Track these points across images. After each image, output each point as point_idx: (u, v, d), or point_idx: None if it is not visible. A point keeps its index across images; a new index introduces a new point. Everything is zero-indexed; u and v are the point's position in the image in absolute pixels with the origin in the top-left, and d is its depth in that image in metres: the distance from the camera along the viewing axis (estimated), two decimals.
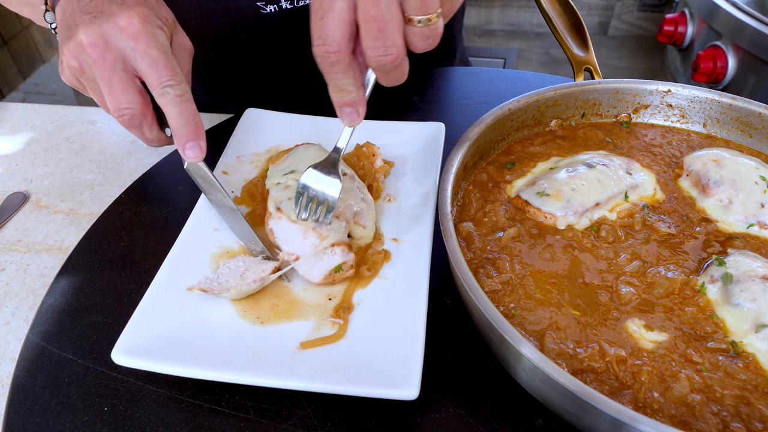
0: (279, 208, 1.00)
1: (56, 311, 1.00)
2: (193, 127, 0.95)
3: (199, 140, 0.96)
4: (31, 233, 1.20)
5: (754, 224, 0.99)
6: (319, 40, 0.78)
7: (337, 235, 0.98)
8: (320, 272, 0.97)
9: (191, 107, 0.95)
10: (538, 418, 0.84)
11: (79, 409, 0.86)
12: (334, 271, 0.97)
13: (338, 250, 0.97)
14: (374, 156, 1.17)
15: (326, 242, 0.96)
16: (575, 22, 1.29)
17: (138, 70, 0.94)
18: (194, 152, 0.96)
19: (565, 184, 1.01)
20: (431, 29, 0.77)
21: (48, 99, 4.25)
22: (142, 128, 1.00)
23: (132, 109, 0.96)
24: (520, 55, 4.53)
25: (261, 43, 1.50)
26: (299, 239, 0.97)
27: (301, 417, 0.85)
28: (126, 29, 0.92)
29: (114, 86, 0.94)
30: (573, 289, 0.90)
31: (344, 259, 0.97)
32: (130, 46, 0.93)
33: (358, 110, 0.85)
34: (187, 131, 0.95)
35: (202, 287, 0.93)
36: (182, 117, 0.94)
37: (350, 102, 0.84)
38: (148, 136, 1.02)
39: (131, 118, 0.97)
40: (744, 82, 2.39)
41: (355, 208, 1.03)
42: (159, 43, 0.94)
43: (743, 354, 0.81)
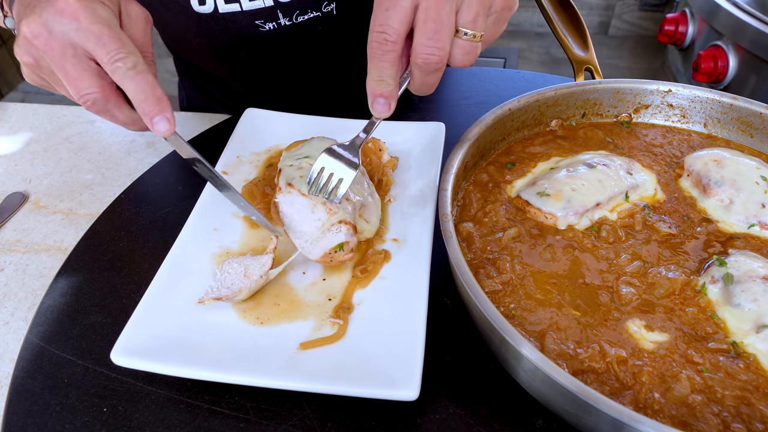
0: (290, 183, 1.00)
1: (55, 312, 1.00)
2: (154, 99, 0.92)
3: (164, 112, 0.92)
4: (30, 233, 1.20)
5: (755, 224, 0.99)
6: (381, 28, 0.82)
7: (346, 213, 0.98)
8: (321, 249, 0.97)
9: (147, 78, 0.91)
10: (539, 418, 0.84)
11: (78, 410, 0.86)
12: (335, 249, 0.97)
13: (344, 228, 0.97)
14: (381, 151, 1.17)
15: (335, 218, 0.96)
16: (575, 21, 1.29)
17: (88, 51, 0.90)
18: (163, 125, 0.92)
19: (565, 184, 1.01)
20: (473, 46, 0.84)
21: (47, 99, 4.25)
22: (110, 112, 0.95)
23: (93, 93, 0.92)
24: (520, 55, 4.53)
25: (260, 60, 1.50)
26: (306, 213, 0.98)
27: (300, 417, 0.85)
28: (64, 11, 0.89)
29: (69, 73, 0.90)
30: (573, 289, 0.90)
31: (348, 238, 0.97)
32: (72, 28, 0.89)
33: (390, 103, 0.88)
34: (149, 105, 0.91)
35: (214, 296, 0.92)
36: (139, 90, 0.91)
37: (386, 94, 0.87)
38: (120, 118, 0.97)
39: (94, 103, 0.92)
40: (745, 82, 2.39)
41: (363, 200, 1.04)
42: (100, 17, 0.90)
43: (744, 354, 0.81)
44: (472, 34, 0.83)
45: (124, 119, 0.97)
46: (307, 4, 1.37)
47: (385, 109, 0.88)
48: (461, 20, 0.82)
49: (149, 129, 0.97)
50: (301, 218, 0.99)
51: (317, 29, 1.43)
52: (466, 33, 0.83)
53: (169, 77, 4.54)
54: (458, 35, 0.83)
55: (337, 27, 1.44)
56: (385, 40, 0.82)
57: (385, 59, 0.83)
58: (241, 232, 1.08)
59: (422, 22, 0.81)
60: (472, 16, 0.82)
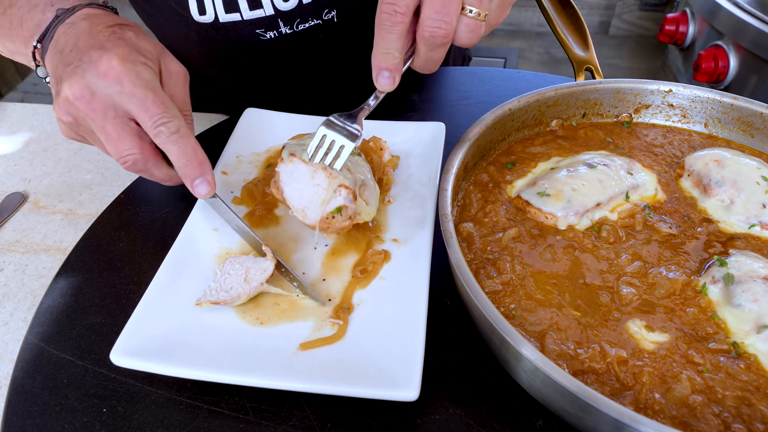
0: (293, 153, 1.00)
1: (55, 312, 1.00)
2: (196, 163, 0.94)
3: (205, 175, 0.95)
4: (30, 233, 1.20)
5: (755, 224, 0.98)
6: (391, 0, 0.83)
7: (346, 179, 0.98)
8: (319, 214, 0.98)
9: (190, 142, 0.94)
10: (539, 419, 0.84)
11: (77, 411, 0.86)
12: (333, 214, 0.98)
13: (344, 191, 0.97)
14: (382, 150, 1.17)
15: (335, 181, 0.96)
16: (576, 21, 1.29)
17: (129, 113, 0.92)
18: (203, 188, 0.96)
19: (565, 184, 1.01)
20: (477, 24, 0.85)
21: (46, 99, 4.24)
22: (149, 171, 0.98)
23: (134, 155, 0.94)
24: (520, 55, 4.53)
25: (261, 67, 1.50)
26: (306, 180, 0.98)
27: (300, 418, 0.85)
28: (107, 74, 0.90)
29: (110, 134, 0.92)
30: (574, 289, 0.89)
31: (347, 203, 0.98)
32: (116, 91, 0.90)
33: (395, 77, 0.89)
34: (191, 169, 0.94)
35: (212, 300, 0.92)
36: (182, 155, 0.93)
37: (392, 67, 0.87)
38: (158, 176, 1.00)
39: (134, 163, 0.95)
40: (745, 82, 2.39)
41: (363, 179, 1.04)
42: (144, 80, 0.92)
43: (745, 355, 0.81)
44: (477, 12, 0.84)
45: (162, 176, 1.00)
46: (308, 12, 1.37)
47: (389, 82, 0.89)
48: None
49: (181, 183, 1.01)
50: (301, 185, 0.99)
51: (318, 37, 1.43)
52: (472, 11, 0.84)
53: None
54: (464, 12, 0.84)
55: (338, 34, 1.44)
56: (395, 11, 0.83)
57: (393, 31, 0.84)
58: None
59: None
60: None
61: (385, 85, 0.89)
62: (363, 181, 1.03)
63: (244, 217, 1.10)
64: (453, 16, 0.83)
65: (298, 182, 0.99)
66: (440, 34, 0.83)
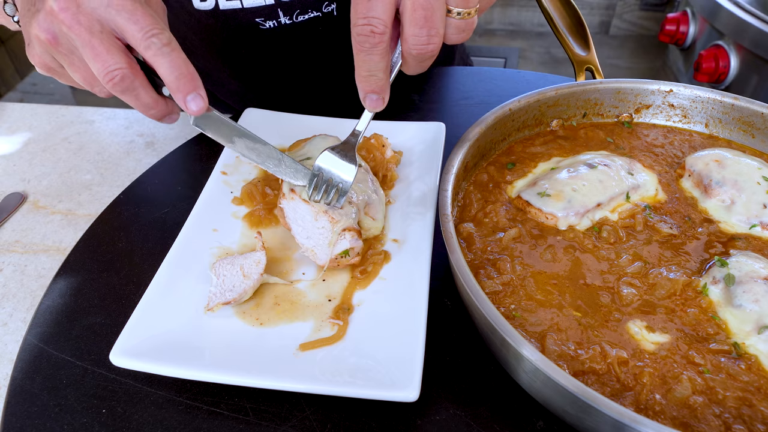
0: (293, 189, 1.00)
1: (54, 312, 1.00)
2: (189, 76, 0.90)
3: (197, 89, 0.91)
4: (29, 234, 1.20)
5: (756, 225, 0.98)
6: (364, 20, 0.77)
7: (349, 220, 0.98)
8: (327, 256, 0.98)
9: (181, 55, 0.90)
10: (539, 419, 0.84)
11: (77, 411, 0.86)
12: (341, 255, 0.97)
13: (348, 235, 0.97)
14: (384, 147, 1.17)
15: (338, 226, 0.96)
16: (576, 21, 1.29)
17: (117, 28, 0.88)
18: (196, 103, 0.90)
19: (566, 184, 1.00)
20: (467, 22, 0.79)
21: (46, 99, 4.24)
22: (136, 91, 0.92)
23: (121, 69, 0.88)
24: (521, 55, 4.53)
25: (260, 58, 1.49)
26: (310, 221, 0.98)
27: (300, 419, 0.84)
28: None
29: (96, 49, 0.87)
30: (574, 290, 0.89)
31: (352, 245, 0.98)
32: (102, 4, 0.87)
33: (383, 97, 0.85)
34: (183, 82, 0.89)
35: (222, 302, 0.92)
36: (174, 67, 0.89)
37: (378, 89, 0.84)
38: (144, 99, 0.94)
39: (122, 79, 0.89)
40: (746, 82, 2.39)
41: (366, 198, 1.04)
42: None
43: (745, 355, 0.80)
44: (466, 12, 0.79)
45: (148, 100, 0.94)
46: (308, 3, 1.37)
47: (378, 104, 0.86)
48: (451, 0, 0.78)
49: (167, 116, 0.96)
50: (305, 225, 0.99)
51: (317, 29, 1.43)
52: (459, 12, 0.79)
53: None
54: (450, 15, 0.79)
55: (337, 28, 1.44)
56: (372, 33, 0.78)
57: (373, 52, 0.80)
58: (240, 232, 1.08)
59: (411, 10, 0.76)
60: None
61: (375, 107, 0.87)
62: (366, 201, 1.04)
63: (244, 218, 1.10)
64: (439, 26, 0.78)
65: (303, 221, 0.99)
66: (429, 50, 0.79)
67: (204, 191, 1.13)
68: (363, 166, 1.08)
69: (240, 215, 1.11)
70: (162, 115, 0.96)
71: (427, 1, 0.75)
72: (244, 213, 1.12)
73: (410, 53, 0.80)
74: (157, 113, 0.95)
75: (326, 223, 0.97)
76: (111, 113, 1.55)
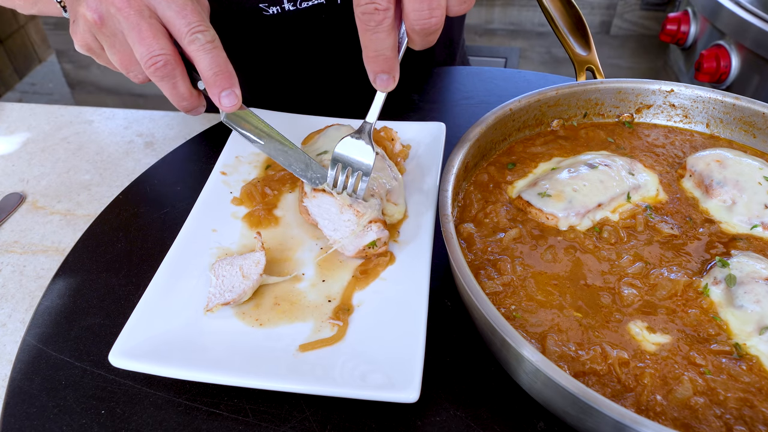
0: (315, 188, 1.01)
1: (53, 313, 0.99)
2: (227, 74, 0.93)
3: (233, 87, 0.94)
4: (28, 234, 1.19)
5: (757, 225, 0.98)
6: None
7: (374, 212, 0.99)
8: (355, 247, 0.99)
9: (222, 54, 0.93)
10: (540, 420, 0.84)
11: (76, 412, 0.86)
12: (369, 246, 0.98)
13: (374, 227, 0.98)
14: (393, 140, 1.17)
15: (364, 220, 0.96)
16: (577, 21, 1.28)
17: (164, 19, 0.91)
18: (230, 100, 0.94)
19: (566, 184, 1.00)
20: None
21: (44, 99, 4.24)
22: (175, 79, 0.95)
23: (166, 55, 0.91)
24: (521, 55, 4.52)
25: (263, 44, 1.49)
26: (335, 213, 0.99)
27: (300, 420, 0.84)
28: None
29: (143, 33, 0.90)
30: (575, 290, 0.89)
31: (379, 235, 0.99)
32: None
33: (394, 75, 0.84)
34: (221, 78, 0.92)
35: (221, 302, 0.92)
36: (214, 64, 0.92)
37: (387, 68, 0.83)
38: (180, 89, 0.97)
39: (165, 65, 0.92)
40: (747, 82, 2.38)
41: (388, 185, 1.05)
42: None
43: (747, 356, 0.80)
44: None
45: (184, 91, 0.97)
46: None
47: (390, 83, 0.85)
48: None
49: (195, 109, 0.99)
50: (332, 217, 1.00)
51: (320, 17, 1.42)
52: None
53: None
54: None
55: (341, 17, 1.43)
56: (376, 10, 0.76)
57: (379, 30, 0.78)
58: (240, 233, 1.08)
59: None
60: None
61: (386, 86, 0.86)
62: (388, 189, 1.05)
63: (244, 218, 1.10)
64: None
65: (328, 214, 1.00)
66: (433, 23, 0.77)
67: (203, 191, 1.12)
68: (379, 153, 1.08)
69: (239, 215, 1.11)
70: (191, 108, 0.99)
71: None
72: (243, 213, 1.11)
73: (413, 29, 0.79)
74: (189, 105, 0.99)
75: (352, 216, 0.97)
76: (110, 113, 1.55)
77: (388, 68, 0.83)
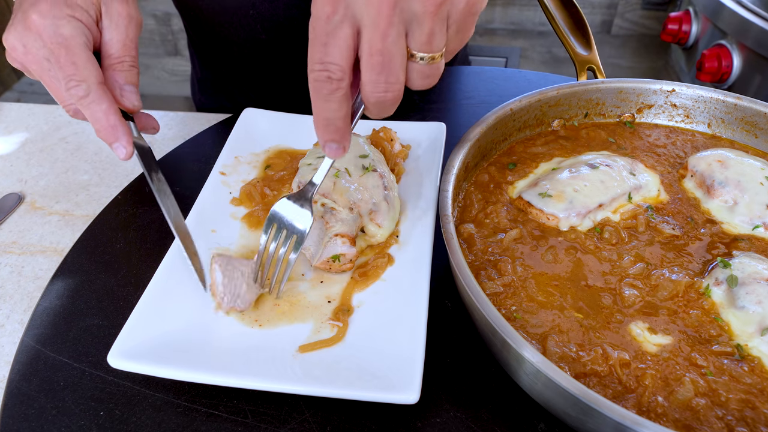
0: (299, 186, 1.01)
1: (51, 314, 0.99)
2: (108, 128, 0.94)
3: (119, 140, 0.95)
4: (26, 235, 1.19)
5: (759, 226, 0.98)
6: (320, 66, 0.70)
7: (344, 226, 0.98)
8: (320, 258, 0.98)
9: (100, 107, 0.93)
10: (540, 422, 0.83)
11: (74, 414, 0.85)
12: (332, 260, 0.97)
13: (339, 240, 0.97)
14: (392, 141, 1.17)
15: (331, 231, 0.95)
16: (578, 20, 1.28)
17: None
18: (119, 152, 0.96)
19: (567, 185, 1.00)
20: (432, 68, 0.72)
21: (43, 99, 4.23)
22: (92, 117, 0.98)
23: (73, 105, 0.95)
24: (522, 54, 4.52)
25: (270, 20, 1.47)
26: None
27: (299, 421, 0.84)
28: (30, 28, 0.91)
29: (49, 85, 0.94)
30: (576, 291, 0.89)
31: (344, 251, 0.97)
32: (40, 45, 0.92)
33: (344, 145, 0.78)
34: (103, 134, 0.94)
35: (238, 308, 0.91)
36: (94, 120, 0.93)
37: (338, 138, 0.77)
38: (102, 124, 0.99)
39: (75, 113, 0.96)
40: (749, 82, 2.38)
41: (372, 205, 1.03)
42: (60, 36, 0.92)
43: (748, 357, 0.80)
44: (430, 57, 0.71)
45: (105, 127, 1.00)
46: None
47: (339, 152, 0.79)
48: (413, 43, 0.69)
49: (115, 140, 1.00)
50: None
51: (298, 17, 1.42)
52: (423, 57, 0.70)
53: (167, 77, 4.53)
54: (413, 59, 0.71)
55: None
56: (329, 79, 0.70)
57: (331, 100, 0.72)
58: (239, 233, 1.07)
59: (367, 55, 0.69)
60: (425, 37, 0.69)
61: (335, 155, 0.80)
62: (374, 205, 1.03)
63: (243, 218, 1.10)
64: (399, 72, 0.70)
65: None
66: (389, 98, 0.72)
67: (202, 192, 1.12)
68: (379, 171, 1.06)
69: (239, 216, 1.10)
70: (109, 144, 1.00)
71: (384, 45, 0.68)
72: (242, 214, 1.11)
73: (368, 100, 0.73)
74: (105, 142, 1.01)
75: (321, 226, 0.97)
76: None
77: (338, 138, 0.77)
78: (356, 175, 1.03)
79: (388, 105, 0.74)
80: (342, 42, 0.69)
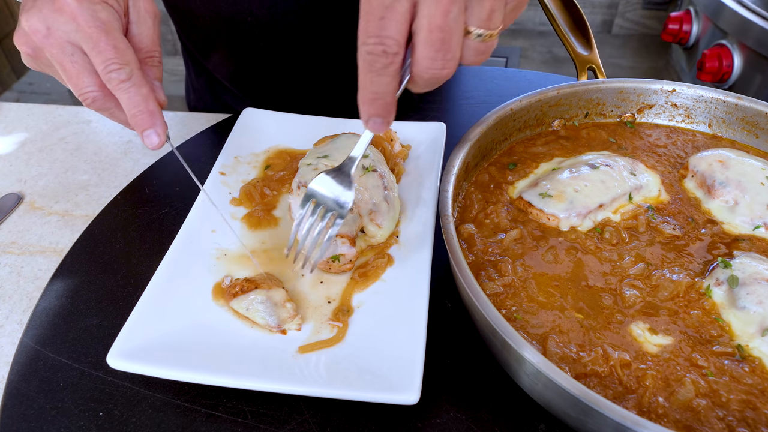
0: (301, 184, 1.00)
1: (51, 314, 0.99)
2: (146, 113, 0.92)
3: (155, 127, 0.93)
4: (25, 235, 1.19)
5: (760, 226, 0.97)
6: (376, 39, 0.68)
7: (344, 227, 0.98)
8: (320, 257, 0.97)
9: (141, 91, 0.91)
10: (541, 422, 0.83)
11: (74, 414, 0.85)
12: (332, 260, 0.97)
13: (340, 241, 0.97)
14: (392, 141, 1.16)
15: (331, 231, 0.95)
16: (578, 20, 1.28)
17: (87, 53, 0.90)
18: (150, 140, 0.93)
19: (568, 185, 1.00)
20: (488, 45, 0.71)
21: (42, 98, 4.24)
22: (111, 110, 0.95)
23: (93, 92, 0.91)
24: (522, 54, 4.51)
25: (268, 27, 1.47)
26: None
27: (299, 422, 0.84)
28: (63, 9, 0.88)
29: (68, 71, 0.90)
30: (576, 292, 0.88)
31: (344, 251, 0.97)
32: (72, 29, 0.89)
33: (389, 120, 0.76)
34: (140, 119, 0.92)
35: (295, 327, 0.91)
36: (131, 104, 0.91)
37: (385, 113, 0.74)
38: (120, 117, 0.97)
39: (94, 101, 0.92)
40: (750, 82, 2.38)
41: (372, 205, 1.03)
42: (99, 20, 0.89)
43: (749, 358, 0.80)
44: (488, 34, 0.69)
45: (124, 119, 0.97)
46: None
47: (383, 127, 0.76)
48: (472, 20, 0.68)
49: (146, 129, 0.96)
50: None
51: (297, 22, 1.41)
52: (480, 33, 0.69)
53: (167, 77, 4.53)
54: (469, 36, 0.69)
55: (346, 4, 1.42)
56: (384, 53, 0.68)
57: (384, 74, 0.70)
58: (239, 233, 1.07)
59: (426, 31, 0.67)
60: (486, 13, 0.67)
61: (379, 130, 0.77)
62: (372, 209, 1.02)
63: (243, 219, 1.10)
64: (456, 50, 0.69)
65: None
66: (444, 75, 0.70)
67: (202, 192, 1.12)
68: (379, 171, 1.06)
69: (239, 216, 1.10)
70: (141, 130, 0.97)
71: (445, 21, 0.66)
72: (242, 214, 1.11)
73: (422, 76, 0.71)
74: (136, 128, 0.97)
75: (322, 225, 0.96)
76: None
77: (384, 113, 0.74)
78: (356, 176, 1.03)
79: (441, 81, 0.72)
80: (400, 16, 0.67)
